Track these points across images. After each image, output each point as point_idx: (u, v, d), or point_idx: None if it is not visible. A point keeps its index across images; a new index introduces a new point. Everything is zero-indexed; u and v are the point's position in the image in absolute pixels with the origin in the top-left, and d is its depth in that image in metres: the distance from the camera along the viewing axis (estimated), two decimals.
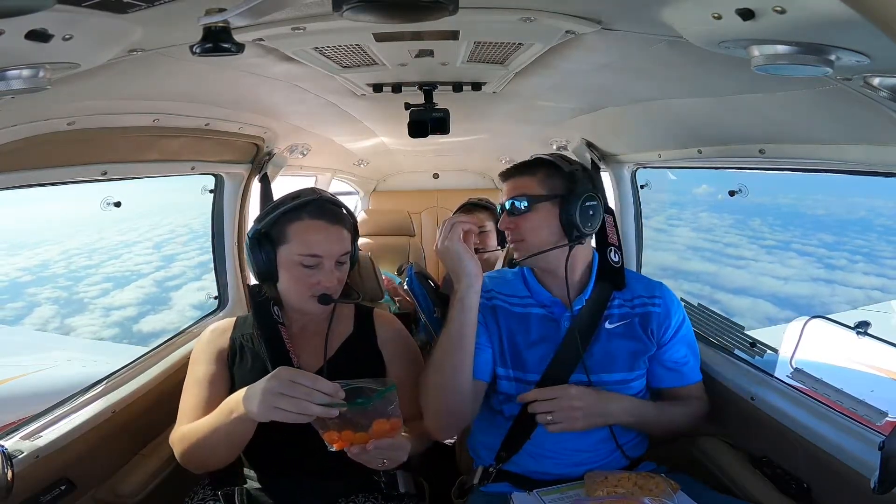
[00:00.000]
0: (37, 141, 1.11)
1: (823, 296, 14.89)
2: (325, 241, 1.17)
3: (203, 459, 1.13)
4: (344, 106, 1.74)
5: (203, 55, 0.74)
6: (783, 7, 0.61)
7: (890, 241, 17.96)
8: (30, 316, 13.54)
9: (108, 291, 15.60)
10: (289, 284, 1.21)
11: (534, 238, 1.20)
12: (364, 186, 4.04)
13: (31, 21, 0.64)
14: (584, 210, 1.16)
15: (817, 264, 16.87)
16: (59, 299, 14.86)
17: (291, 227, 1.18)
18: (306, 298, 1.19)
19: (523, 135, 2.53)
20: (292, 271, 1.18)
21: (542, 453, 1.20)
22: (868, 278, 15.50)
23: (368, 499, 1.20)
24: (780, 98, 1.08)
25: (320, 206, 1.20)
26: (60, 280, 16.39)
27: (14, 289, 15.44)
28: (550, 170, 1.21)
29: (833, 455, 1.10)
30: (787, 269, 16.55)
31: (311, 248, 1.16)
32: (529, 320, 1.24)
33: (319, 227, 1.18)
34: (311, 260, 1.16)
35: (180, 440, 1.14)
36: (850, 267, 16.48)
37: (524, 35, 1.04)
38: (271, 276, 1.21)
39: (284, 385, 0.95)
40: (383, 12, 0.67)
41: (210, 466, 1.15)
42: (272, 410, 0.95)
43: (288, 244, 1.18)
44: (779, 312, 13.43)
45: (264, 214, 1.22)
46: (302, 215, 1.18)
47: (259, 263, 1.19)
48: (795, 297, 14.77)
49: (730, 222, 20.11)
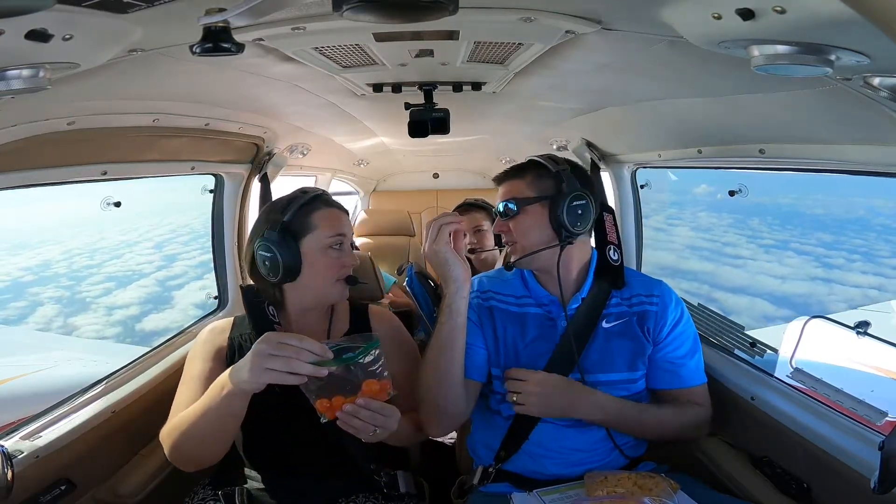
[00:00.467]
0: (37, 141, 1.11)
1: (821, 294, 14.92)
2: (344, 223, 1.27)
3: (194, 451, 1.11)
4: (344, 106, 1.74)
5: (203, 55, 0.74)
6: (783, 7, 0.61)
7: (888, 240, 17.94)
8: (33, 315, 13.59)
9: (110, 291, 15.65)
10: (315, 274, 1.21)
11: (525, 240, 1.21)
12: (364, 186, 4.05)
13: (31, 21, 0.64)
14: (571, 210, 1.16)
15: (815, 263, 16.89)
16: (62, 298, 14.91)
17: (314, 216, 1.23)
18: (333, 283, 1.23)
19: (523, 135, 2.53)
20: (322, 258, 1.21)
21: (541, 453, 1.20)
22: (866, 277, 15.54)
23: (369, 499, 1.20)
24: (780, 98, 1.08)
25: (327, 197, 1.29)
26: (62, 280, 16.46)
27: (16, 288, 15.49)
28: (539, 171, 1.22)
29: (833, 455, 1.10)
30: (785, 268, 16.58)
31: (336, 228, 1.23)
32: (526, 320, 1.24)
33: (336, 213, 1.27)
34: (338, 239, 1.23)
35: (169, 434, 1.12)
36: (847, 266, 16.51)
37: (524, 35, 1.04)
38: (296, 271, 1.20)
39: (273, 346, 0.95)
40: (383, 12, 0.67)
41: (201, 460, 1.13)
42: (263, 372, 0.94)
43: (314, 232, 1.22)
44: (776, 311, 13.48)
45: (282, 210, 1.22)
46: (319, 205, 1.25)
47: (287, 257, 1.18)
48: (793, 295, 14.81)
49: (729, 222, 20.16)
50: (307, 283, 1.23)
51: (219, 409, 1.03)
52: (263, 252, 1.18)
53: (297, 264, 1.19)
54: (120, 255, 19.12)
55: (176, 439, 1.10)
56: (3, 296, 14.71)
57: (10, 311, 13.60)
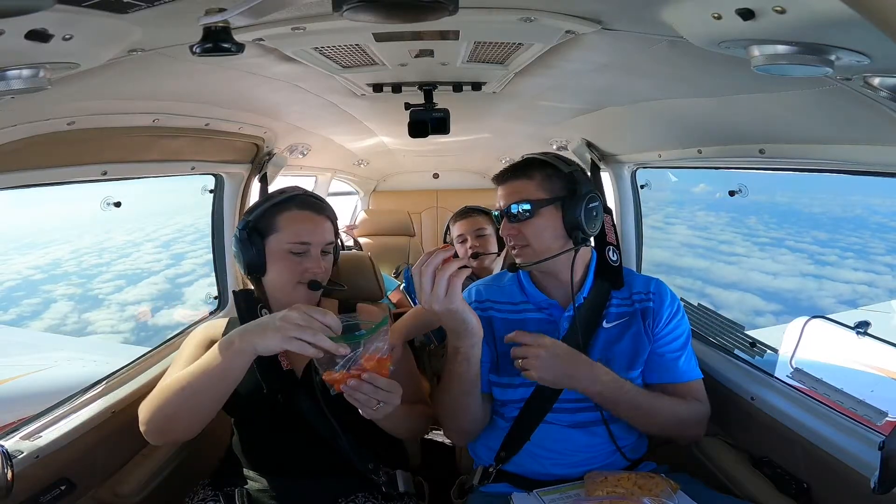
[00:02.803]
0: (37, 141, 1.11)
1: (810, 290, 15.21)
2: (313, 229, 1.23)
3: (175, 415, 1.07)
4: (344, 106, 1.74)
5: (203, 55, 0.74)
6: (783, 7, 0.61)
7: (884, 238, 18.15)
8: (48, 311, 14.01)
9: (121, 288, 16.07)
10: (277, 274, 1.24)
11: (539, 243, 1.18)
12: (364, 186, 4.05)
13: (31, 21, 0.64)
14: (588, 212, 1.15)
15: (808, 260, 17.16)
16: (75, 296, 15.35)
17: (280, 217, 1.23)
18: (294, 285, 1.22)
19: (523, 135, 2.53)
20: (282, 260, 1.22)
21: (541, 453, 1.20)
22: (856, 274, 15.78)
23: (368, 499, 1.20)
24: (780, 98, 1.08)
25: (305, 198, 1.27)
26: (73, 278, 16.92)
27: (28, 286, 15.93)
28: (548, 171, 1.20)
29: (833, 455, 1.10)
30: (778, 265, 16.88)
31: (299, 235, 1.22)
32: (526, 326, 1.22)
33: (306, 217, 1.24)
34: (299, 247, 1.21)
35: (150, 399, 1.09)
36: (840, 263, 16.75)
37: (524, 35, 1.04)
38: (260, 267, 1.23)
39: (303, 317, 0.95)
40: (383, 12, 0.67)
41: (177, 428, 1.09)
42: (289, 341, 0.94)
43: (277, 233, 1.22)
44: (766, 306, 13.84)
45: (252, 208, 1.27)
46: (290, 206, 1.24)
47: (249, 255, 1.22)
48: (783, 291, 15.10)
49: (726, 220, 20.40)
50: (273, 283, 1.26)
51: (219, 367, 1.00)
52: (234, 247, 1.25)
53: (259, 263, 1.23)
54: (128, 254, 19.61)
55: (159, 403, 1.07)
56: (15, 293, 15.19)
57: (24, 307, 14.07)
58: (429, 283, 0.98)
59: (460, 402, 1.17)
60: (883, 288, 14.46)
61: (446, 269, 0.98)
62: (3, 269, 16.70)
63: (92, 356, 4.23)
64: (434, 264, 0.98)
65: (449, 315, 1.02)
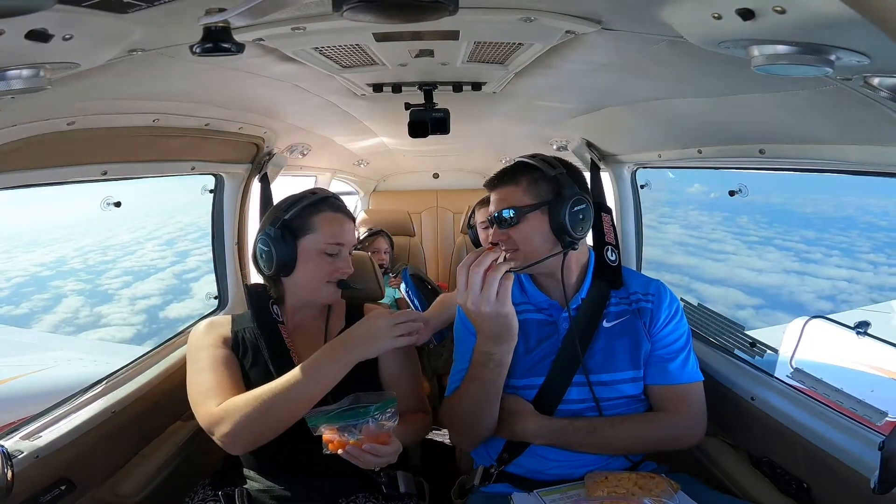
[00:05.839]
0: (37, 141, 1.11)
1: (792, 285, 15.84)
2: (346, 231, 1.28)
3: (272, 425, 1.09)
4: (344, 106, 1.74)
5: (203, 55, 0.74)
6: (783, 7, 0.61)
7: (871, 237, 18.65)
8: (59, 306, 14.50)
9: (129, 284, 16.57)
10: (307, 272, 1.25)
11: (528, 248, 1.18)
12: (364, 186, 4.04)
13: (31, 21, 0.64)
14: (573, 215, 1.14)
15: (793, 258, 17.70)
16: (84, 291, 15.90)
17: (317, 218, 1.25)
18: (323, 285, 1.26)
19: (523, 135, 2.52)
20: (314, 259, 1.25)
21: (545, 454, 1.20)
22: (839, 270, 16.31)
23: (369, 499, 1.20)
24: (780, 98, 1.07)
25: (335, 200, 1.31)
26: (80, 274, 17.41)
27: (36, 282, 16.37)
28: (534, 175, 1.19)
29: (833, 455, 1.10)
30: (764, 262, 17.43)
31: (336, 236, 1.26)
32: (527, 326, 1.22)
33: (341, 219, 1.28)
34: (334, 248, 1.25)
35: (237, 411, 1.08)
36: (824, 260, 17.29)
37: (524, 35, 1.04)
38: (290, 266, 1.24)
39: (398, 317, 1.13)
40: (383, 12, 0.67)
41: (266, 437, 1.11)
42: (394, 340, 1.11)
43: (313, 234, 1.24)
44: (748, 300, 14.59)
45: (286, 208, 1.26)
46: (324, 208, 1.27)
47: (282, 253, 1.23)
48: (766, 286, 15.69)
49: (718, 220, 20.84)
50: (300, 281, 1.27)
51: (327, 378, 1.09)
52: (262, 246, 1.25)
53: (291, 261, 1.24)
54: (132, 251, 20.17)
55: (255, 415, 1.07)
56: (24, 289, 15.72)
57: (36, 302, 14.64)
58: (478, 285, 0.95)
59: (483, 410, 1.15)
60: (863, 284, 15.08)
61: (498, 270, 0.95)
62: (11, 266, 17.16)
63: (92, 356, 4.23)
64: (485, 265, 0.96)
65: (497, 319, 0.99)
